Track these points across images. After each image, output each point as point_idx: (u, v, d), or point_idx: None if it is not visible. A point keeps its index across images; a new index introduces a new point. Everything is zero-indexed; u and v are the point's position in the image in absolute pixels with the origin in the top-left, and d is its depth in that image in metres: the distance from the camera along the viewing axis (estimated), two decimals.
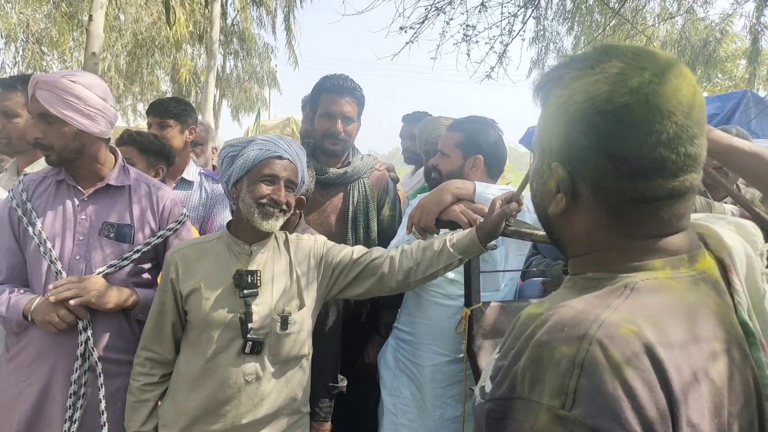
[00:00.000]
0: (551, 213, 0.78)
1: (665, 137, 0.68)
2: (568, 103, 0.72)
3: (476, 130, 2.18)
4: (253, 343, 1.67)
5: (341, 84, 2.41)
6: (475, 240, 1.71)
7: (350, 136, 2.44)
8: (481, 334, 1.92)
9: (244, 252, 1.74)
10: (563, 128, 0.73)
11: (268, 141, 1.74)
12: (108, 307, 1.74)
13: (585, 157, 0.72)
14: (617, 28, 10.63)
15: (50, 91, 1.70)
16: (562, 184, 0.75)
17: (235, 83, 19.75)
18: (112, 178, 1.85)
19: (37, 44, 13.62)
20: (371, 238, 2.44)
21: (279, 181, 1.70)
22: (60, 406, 1.74)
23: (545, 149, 0.78)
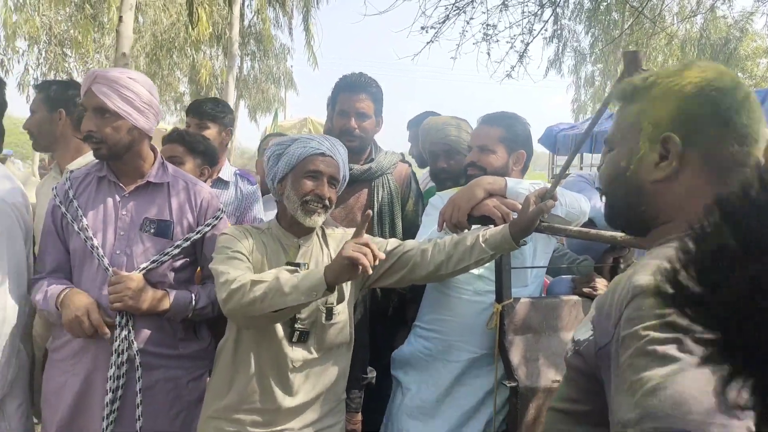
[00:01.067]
0: (653, 180, 0.91)
1: (757, 115, 0.88)
2: (682, 84, 0.90)
3: (519, 125, 2.19)
4: (301, 333, 1.74)
5: (355, 81, 2.46)
6: (508, 236, 1.72)
7: (366, 133, 2.47)
8: (512, 329, 1.93)
9: (292, 245, 1.81)
10: (677, 103, 0.90)
11: (312, 139, 1.80)
12: (142, 309, 1.78)
13: (701, 124, 0.88)
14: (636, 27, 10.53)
15: (108, 86, 1.76)
16: (675, 149, 0.89)
17: (252, 84, 19.88)
18: (152, 176, 1.90)
19: (60, 46, 13.84)
20: (396, 233, 2.46)
21: (322, 177, 1.76)
22: (100, 398, 1.79)
23: (648, 126, 0.92)
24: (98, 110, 1.77)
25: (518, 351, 1.92)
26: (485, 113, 2.28)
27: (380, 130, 2.60)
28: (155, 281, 1.86)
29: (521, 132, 2.19)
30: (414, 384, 2.12)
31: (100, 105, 1.76)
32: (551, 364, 1.93)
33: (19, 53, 13.72)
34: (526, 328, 1.96)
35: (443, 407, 2.05)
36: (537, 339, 1.96)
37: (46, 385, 1.86)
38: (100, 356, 1.80)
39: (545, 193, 1.75)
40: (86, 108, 1.80)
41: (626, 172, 0.95)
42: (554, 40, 13.15)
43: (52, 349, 1.88)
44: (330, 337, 1.79)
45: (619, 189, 0.98)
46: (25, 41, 13.58)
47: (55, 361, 1.85)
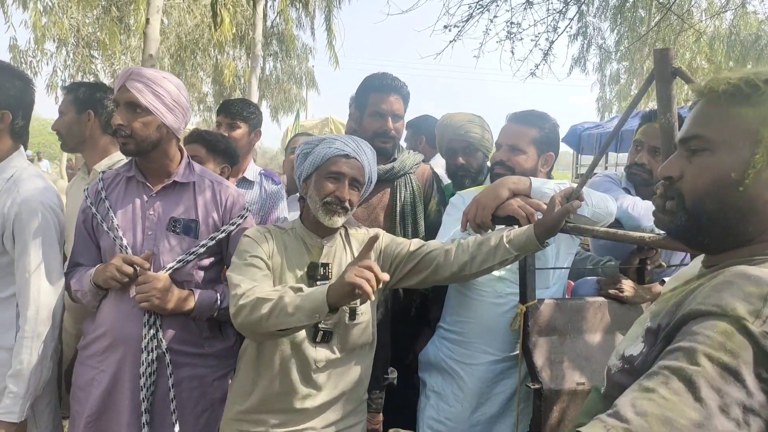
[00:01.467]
0: (765, 199, 0.85)
1: None
2: None
3: (551, 126, 2.16)
4: (324, 333, 1.74)
5: (389, 83, 2.44)
6: (533, 237, 1.70)
7: (399, 134, 2.47)
8: (536, 331, 1.91)
9: (316, 245, 1.81)
10: None
11: (338, 140, 1.80)
12: (168, 309, 1.81)
13: None
14: (663, 23, 10.35)
15: (143, 83, 1.79)
16: None
17: (274, 84, 20.03)
18: (179, 175, 1.93)
19: (87, 48, 14.11)
20: (419, 233, 2.45)
21: (344, 179, 1.76)
22: (128, 393, 1.82)
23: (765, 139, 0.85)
24: (130, 105, 1.80)
25: (542, 353, 1.90)
26: (512, 111, 2.24)
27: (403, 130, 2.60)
28: (182, 280, 1.88)
29: (552, 133, 2.16)
30: (439, 388, 2.11)
31: (133, 100, 1.79)
32: (576, 367, 1.90)
33: (48, 55, 14.04)
34: (551, 329, 1.93)
35: (470, 422, 2.04)
36: (562, 341, 1.94)
37: (76, 381, 1.90)
38: (129, 353, 1.83)
39: (571, 194, 1.73)
40: (118, 103, 1.84)
41: (738, 186, 0.85)
42: (579, 37, 13.01)
43: (81, 347, 1.93)
44: (353, 337, 1.79)
45: (721, 203, 0.87)
46: (54, 43, 13.89)
47: (85, 358, 1.89)
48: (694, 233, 0.92)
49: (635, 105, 1.63)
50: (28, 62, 13.70)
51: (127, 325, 1.83)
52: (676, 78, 1.41)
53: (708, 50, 15.59)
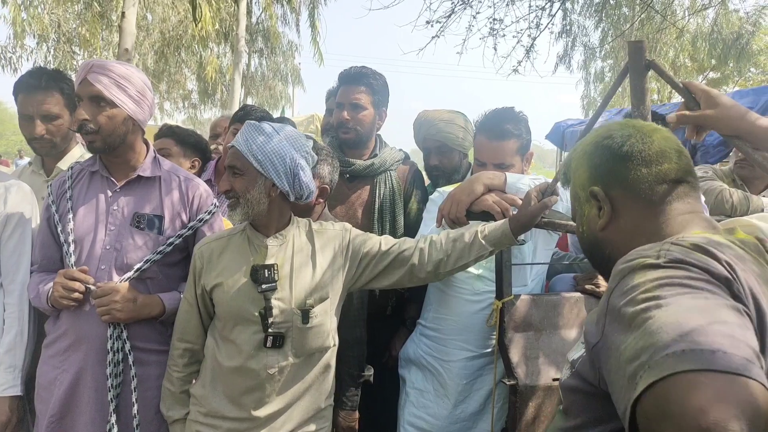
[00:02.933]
0: (599, 228, 1.04)
1: (662, 135, 1.06)
2: (583, 148, 1.09)
3: (525, 126, 2.13)
4: (274, 337, 1.66)
5: (351, 73, 2.42)
6: (508, 232, 1.69)
7: (361, 124, 2.40)
8: (512, 326, 1.90)
9: (261, 245, 1.71)
10: (586, 162, 1.06)
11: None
12: (132, 319, 1.78)
13: (609, 168, 1.02)
14: (646, 21, 10.42)
15: (106, 75, 1.73)
16: (600, 195, 1.02)
17: (259, 81, 19.91)
18: (144, 170, 1.88)
19: (68, 44, 13.91)
20: (398, 231, 2.42)
21: (227, 171, 1.66)
22: (91, 393, 1.78)
23: (580, 192, 1.08)
24: (94, 99, 1.74)
25: (518, 349, 1.89)
26: (484, 116, 2.18)
27: (383, 124, 2.54)
28: (146, 278, 1.84)
29: (528, 133, 2.14)
30: (420, 385, 2.11)
31: (97, 93, 1.73)
32: (551, 363, 1.89)
33: (28, 51, 13.82)
34: (527, 325, 1.92)
35: (450, 419, 2.04)
36: (538, 337, 1.93)
37: (39, 381, 1.85)
38: (91, 352, 1.79)
39: (546, 189, 1.72)
40: (81, 98, 1.77)
41: (583, 234, 1.10)
42: (563, 35, 13.05)
43: (44, 346, 1.88)
44: (309, 341, 1.70)
45: (588, 249, 1.11)
46: (34, 39, 13.68)
47: (47, 357, 1.84)
48: (603, 273, 1.11)
49: (610, 97, 1.63)
50: (7, 58, 13.47)
51: (89, 324, 1.78)
52: (650, 71, 1.40)
53: (691, 48, 15.75)
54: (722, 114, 1.29)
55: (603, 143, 1.03)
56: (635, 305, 0.74)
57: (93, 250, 1.80)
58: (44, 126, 2.14)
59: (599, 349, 0.81)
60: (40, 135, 2.14)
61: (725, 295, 0.74)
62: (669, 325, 0.67)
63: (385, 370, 2.36)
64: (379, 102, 2.46)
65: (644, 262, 0.80)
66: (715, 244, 0.83)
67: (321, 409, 1.80)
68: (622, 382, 0.70)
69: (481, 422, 2.03)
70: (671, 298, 0.71)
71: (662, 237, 0.93)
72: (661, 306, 0.71)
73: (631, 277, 0.80)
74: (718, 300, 0.71)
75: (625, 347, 0.72)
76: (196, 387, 1.78)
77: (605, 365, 0.79)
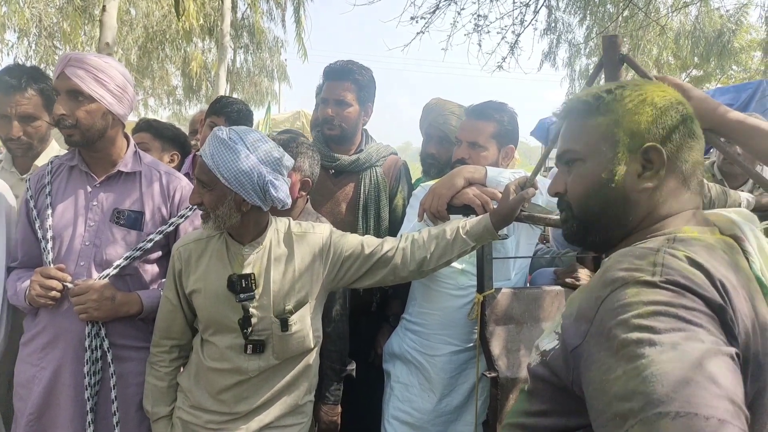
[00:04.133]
0: (639, 190, 0.95)
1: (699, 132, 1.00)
2: (652, 96, 0.96)
3: (509, 118, 2.13)
4: (255, 345, 1.66)
5: (339, 68, 2.39)
6: (489, 226, 1.70)
7: (346, 121, 2.39)
8: (493, 320, 1.91)
9: (238, 253, 1.67)
10: (653, 114, 0.95)
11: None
12: (110, 317, 1.75)
13: (675, 134, 0.94)
14: (630, 19, 10.50)
15: (83, 69, 1.71)
16: (660, 158, 0.94)
17: (245, 77, 19.76)
18: (125, 165, 1.86)
19: (50, 38, 13.70)
20: (382, 227, 2.42)
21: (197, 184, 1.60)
22: (70, 391, 1.77)
23: (625, 137, 0.95)
24: (72, 93, 1.72)
25: (499, 342, 1.90)
26: (472, 104, 2.23)
27: (369, 120, 2.53)
28: (127, 274, 1.83)
29: (512, 125, 2.14)
30: (404, 379, 2.11)
31: (74, 87, 1.71)
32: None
33: (9, 46, 13.61)
34: (508, 318, 1.94)
35: (435, 413, 2.04)
36: (519, 330, 1.94)
37: (17, 379, 1.83)
38: (69, 349, 1.77)
39: (526, 182, 1.73)
40: (58, 92, 1.74)
41: (610, 183, 0.96)
42: (548, 32, 13.12)
43: (22, 343, 1.86)
44: (290, 346, 1.71)
45: (601, 201, 0.98)
46: (15, 33, 13.46)
47: (25, 355, 1.82)
48: (584, 235, 1.03)
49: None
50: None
51: (67, 321, 1.76)
52: (624, 65, 1.42)
53: (674, 46, 15.90)
54: (695, 106, 1.31)
55: (677, 107, 0.96)
56: (627, 331, 0.73)
57: (72, 246, 1.78)
58: (21, 127, 2.12)
59: (579, 355, 0.81)
60: (17, 136, 2.12)
61: (718, 331, 0.74)
62: (664, 376, 0.67)
63: (368, 365, 2.37)
64: (364, 98, 2.44)
65: (640, 278, 0.78)
66: (708, 256, 0.83)
67: (300, 405, 1.80)
68: (607, 412, 0.71)
69: (464, 415, 2.05)
70: (666, 336, 0.71)
71: (669, 226, 0.93)
72: (655, 344, 0.70)
73: (623, 291, 0.78)
74: (711, 346, 0.71)
75: (614, 377, 0.72)
76: (183, 378, 1.79)
77: (584, 374, 0.79)
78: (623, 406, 0.69)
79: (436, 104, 2.57)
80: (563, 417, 0.87)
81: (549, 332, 0.95)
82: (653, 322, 0.73)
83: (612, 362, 0.73)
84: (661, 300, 0.75)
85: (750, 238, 0.94)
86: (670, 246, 0.85)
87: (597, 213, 0.99)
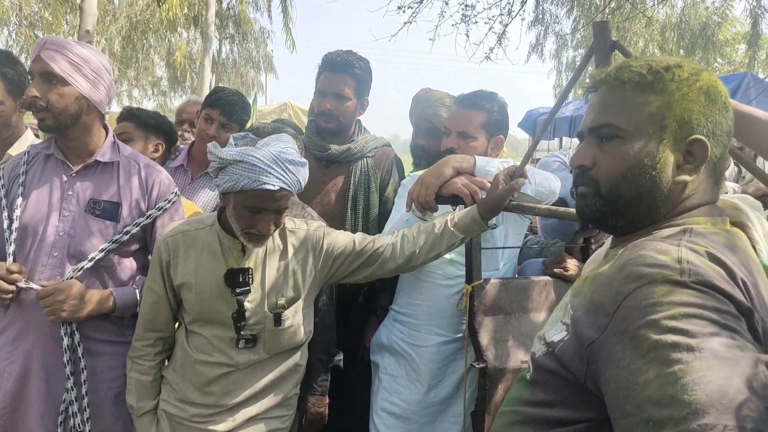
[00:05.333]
0: (675, 182, 0.90)
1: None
2: (707, 86, 0.90)
3: (499, 108, 2.11)
4: (246, 340, 1.65)
5: (337, 60, 2.35)
6: (477, 217, 1.69)
7: (344, 115, 2.37)
8: (481, 310, 1.90)
9: (235, 248, 1.65)
10: (707, 106, 0.89)
11: (255, 167, 1.46)
12: (81, 318, 1.70)
13: (722, 132, 0.91)
14: (616, 10, 10.53)
15: (57, 51, 1.66)
16: (704, 153, 0.89)
17: (231, 68, 19.57)
18: (102, 154, 1.80)
19: (31, 27, 13.46)
20: (371, 219, 2.40)
21: (267, 212, 1.54)
22: (41, 384, 1.72)
23: (673, 124, 0.90)
24: (45, 75, 1.67)
25: (487, 332, 1.89)
26: (461, 93, 2.21)
27: (364, 112, 2.50)
28: (102, 266, 1.78)
29: (501, 115, 2.12)
30: (393, 370, 2.10)
31: (47, 69, 1.66)
32: (521, 345, 1.90)
33: None
34: (496, 309, 1.93)
35: (423, 404, 2.04)
36: (507, 320, 1.93)
37: None
38: (38, 342, 1.72)
39: (514, 172, 1.72)
40: (33, 75, 1.70)
41: (651, 170, 0.90)
42: (536, 24, 13.14)
43: None
44: (282, 341, 1.71)
45: (637, 187, 0.91)
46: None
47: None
48: (607, 217, 0.96)
49: (576, 78, 1.63)
50: None
51: (37, 311, 1.70)
52: (615, 51, 1.41)
53: (660, 38, 16.00)
54: None
55: (726, 102, 0.92)
56: (659, 332, 0.71)
57: (45, 237, 1.73)
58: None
59: (596, 350, 0.78)
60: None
61: (747, 335, 0.72)
62: (707, 385, 0.65)
63: (355, 356, 2.36)
64: (362, 91, 2.41)
65: (668, 277, 0.75)
66: (727, 251, 0.82)
67: (287, 398, 1.79)
68: (637, 415, 0.69)
69: (453, 406, 2.04)
70: (703, 341, 0.68)
71: (685, 216, 0.91)
72: (693, 350, 0.68)
73: (651, 289, 0.75)
74: (750, 354, 0.69)
75: (644, 379, 0.69)
76: (168, 371, 1.77)
77: (604, 371, 0.77)
78: (659, 413, 0.67)
79: (426, 95, 2.55)
80: (571, 409, 0.85)
81: (554, 322, 0.91)
82: (687, 324, 0.70)
83: (640, 363, 0.71)
84: (694, 302, 0.72)
85: (756, 226, 0.93)
86: (688, 240, 0.82)
87: (629, 198, 0.92)
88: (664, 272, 0.76)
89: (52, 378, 1.73)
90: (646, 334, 0.72)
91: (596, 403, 0.78)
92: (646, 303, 0.74)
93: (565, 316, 0.88)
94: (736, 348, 0.69)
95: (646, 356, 0.71)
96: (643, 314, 0.73)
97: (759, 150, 1.36)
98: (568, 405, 0.86)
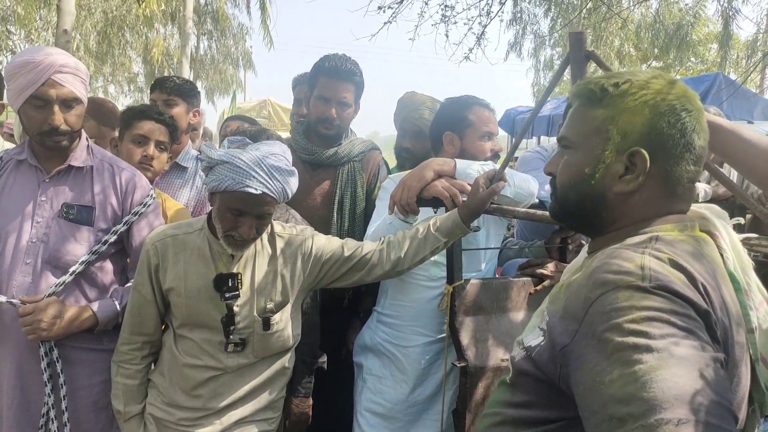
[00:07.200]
0: (615, 192, 0.94)
1: (706, 135, 0.95)
2: (655, 99, 0.91)
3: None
4: (235, 344, 1.67)
5: (340, 67, 2.33)
6: (458, 221, 1.72)
7: (344, 122, 2.39)
8: (462, 310, 1.94)
9: (224, 252, 1.66)
10: (650, 119, 0.91)
11: (246, 171, 1.49)
12: (61, 335, 1.69)
13: (669, 144, 0.91)
14: (593, 11, 10.66)
15: (73, 74, 1.67)
16: (643, 165, 0.91)
17: (209, 65, 19.35)
18: (77, 159, 1.79)
19: (3, 23, 13.15)
20: (356, 222, 2.41)
21: (248, 216, 1.56)
22: (16, 392, 1.71)
23: (617, 136, 0.93)
24: (67, 101, 1.67)
25: (468, 332, 1.93)
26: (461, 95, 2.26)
27: (356, 116, 2.52)
28: (81, 277, 1.77)
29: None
30: (377, 371, 2.12)
31: (73, 96, 1.67)
32: (500, 344, 1.95)
33: None
34: (477, 309, 1.97)
35: (407, 403, 2.06)
36: (487, 320, 1.98)
37: None
38: (12, 350, 1.71)
39: (494, 175, 1.76)
40: (46, 101, 1.65)
41: (591, 180, 0.96)
42: (514, 23, 13.24)
43: None
44: (270, 345, 1.73)
45: (579, 194, 0.99)
46: None
47: None
48: (565, 218, 1.07)
49: (553, 86, 1.68)
50: None
51: (11, 321, 1.68)
52: (590, 61, 1.45)
53: (635, 38, 16.24)
54: None
55: (680, 115, 0.91)
56: (621, 335, 0.75)
57: (19, 243, 1.70)
58: None
59: (567, 354, 0.83)
60: None
61: (705, 336, 0.77)
62: (663, 382, 0.69)
63: (339, 358, 2.38)
64: (359, 97, 2.45)
65: (630, 283, 0.79)
66: (690, 258, 0.85)
67: (275, 401, 1.81)
68: (602, 413, 0.73)
69: (436, 404, 2.06)
70: (662, 342, 0.72)
71: (653, 224, 0.93)
72: (652, 350, 0.72)
73: (614, 295, 0.79)
74: (705, 353, 0.73)
75: (608, 379, 0.73)
76: (155, 374, 1.77)
77: (574, 374, 0.81)
78: (621, 410, 0.71)
79: (411, 98, 2.58)
80: (546, 409, 0.89)
81: (532, 328, 0.95)
82: (647, 327, 0.74)
83: (605, 365, 0.75)
84: (654, 306, 0.76)
85: (723, 235, 0.97)
86: (653, 248, 0.86)
87: (574, 203, 1.00)
88: (627, 278, 0.80)
89: (27, 386, 1.71)
90: (610, 336, 0.76)
91: (569, 403, 0.82)
92: (610, 308, 0.78)
93: (542, 322, 0.92)
94: (693, 348, 0.73)
95: (610, 357, 0.75)
96: (608, 318, 0.78)
97: (728, 159, 1.38)
98: (544, 405, 0.90)
